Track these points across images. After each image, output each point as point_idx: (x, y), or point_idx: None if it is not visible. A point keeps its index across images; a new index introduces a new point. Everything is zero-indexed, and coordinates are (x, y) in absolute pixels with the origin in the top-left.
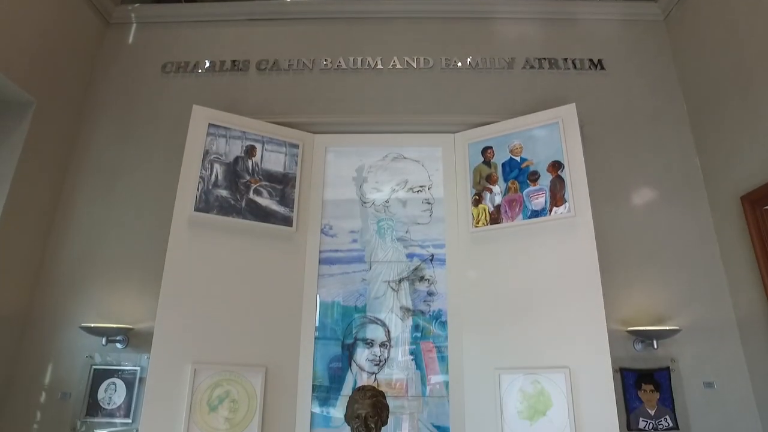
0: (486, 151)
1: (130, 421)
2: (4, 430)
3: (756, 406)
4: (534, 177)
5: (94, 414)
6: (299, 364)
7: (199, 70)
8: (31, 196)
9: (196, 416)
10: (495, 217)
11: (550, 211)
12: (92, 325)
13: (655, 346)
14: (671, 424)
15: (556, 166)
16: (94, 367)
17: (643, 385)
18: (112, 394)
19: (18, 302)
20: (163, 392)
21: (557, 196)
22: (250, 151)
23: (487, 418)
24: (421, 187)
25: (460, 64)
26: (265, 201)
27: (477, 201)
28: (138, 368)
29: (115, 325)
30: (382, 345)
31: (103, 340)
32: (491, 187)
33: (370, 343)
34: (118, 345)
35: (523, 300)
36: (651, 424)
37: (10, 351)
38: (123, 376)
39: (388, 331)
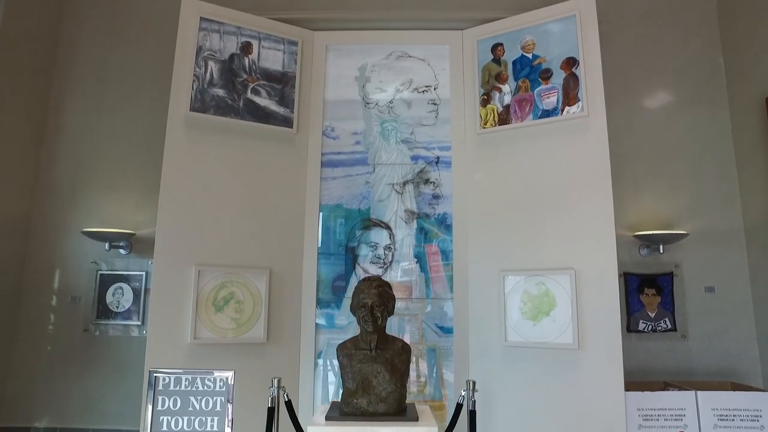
0: (496, 48)
1: (139, 323)
2: (23, 331)
3: (753, 311)
4: (546, 75)
5: (105, 317)
6: (303, 267)
7: None
8: (16, 102)
9: (203, 316)
10: (504, 118)
11: (562, 110)
12: (94, 230)
13: (661, 251)
14: (669, 326)
15: (571, 62)
16: (100, 272)
17: (646, 289)
18: (120, 298)
19: (18, 211)
20: (168, 294)
21: (570, 95)
22: (246, 48)
23: (491, 318)
24: (426, 87)
25: None
26: (263, 101)
27: (485, 101)
28: (143, 273)
29: (116, 230)
30: (387, 248)
31: (106, 246)
32: (500, 86)
33: (374, 246)
34: (122, 251)
35: (530, 202)
36: (650, 326)
37: (17, 258)
38: (129, 281)
39: (393, 235)
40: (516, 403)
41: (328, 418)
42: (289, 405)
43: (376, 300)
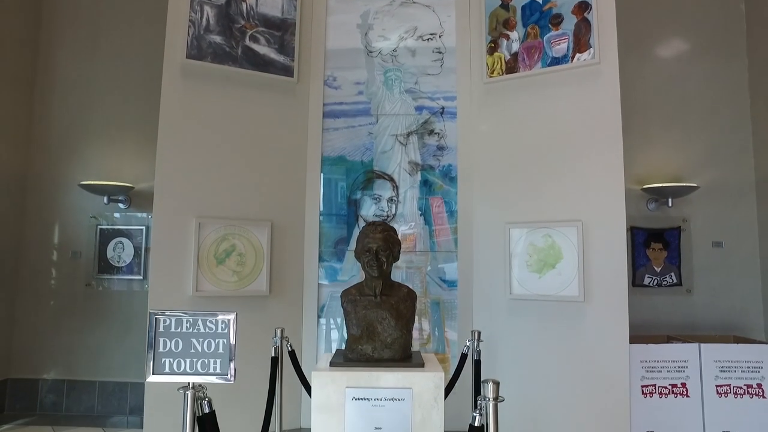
0: None
1: (141, 277)
2: (25, 285)
3: (759, 267)
4: (557, 20)
5: (106, 272)
6: (305, 220)
7: None
8: (3, 53)
9: (204, 269)
10: (511, 66)
11: (573, 58)
12: (91, 182)
13: (670, 204)
14: (675, 281)
15: (583, 7)
16: (100, 227)
17: (653, 243)
18: (121, 252)
19: (14, 165)
20: (169, 247)
21: (581, 41)
22: None
23: (496, 271)
24: (431, 34)
25: None
26: (262, 49)
27: (492, 49)
28: (143, 228)
29: (114, 183)
30: (390, 200)
31: (105, 200)
32: (508, 33)
33: (377, 199)
34: (121, 205)
35: (537, 154)
36: (656, 281)
37: (15, 213)
38: (129, 236)
39: (396, 187)
40: (520, 355)
41: (332, 364)
42: (292, 355)
43: (381, 244)
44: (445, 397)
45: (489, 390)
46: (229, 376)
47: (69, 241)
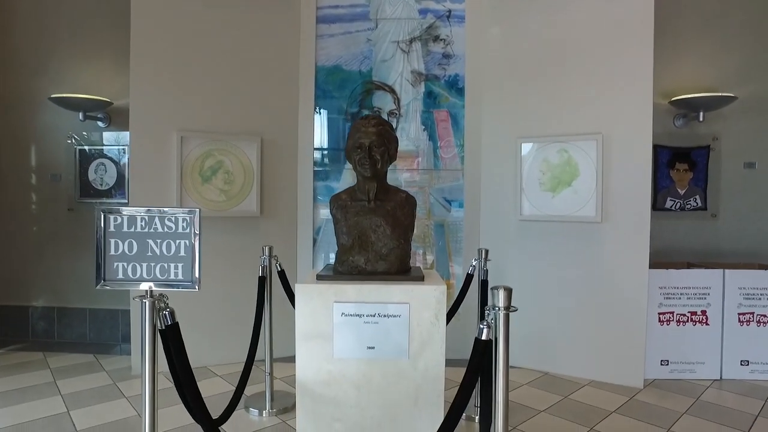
0: None
1: (126, 201)
2: (5, 211)
3: None
4: None
5: (88, 195)
6: (298, 135)
7: None
8: None
9: (189, 188)
10: None
11: None
12: (63, 95)
13: (701, 119)
14: (699, 204)
15: None
16: (78, 147)
17: (677, 164)
18: (103, 174)
19: None
20: (149, 164)
21: None
22: None
23: (505, 190)
24: None
25: None
26: None
27: None
28: (125, 147)
29: (87, 96)
30: (391, 114)
31: (80, 116)
32: None
33: (376, 112)
34: (100, 123)
35: (554, 60)
36: (678, 204)
37: None
38: (110, 156)
39: (398, 99)
40: (530, 281)
41: (319, 277)
42: (282, 276)
43: (375, 140)
44: (448, 321)
45: (500, 297)
46: (192, 283)
47: (48, 164)
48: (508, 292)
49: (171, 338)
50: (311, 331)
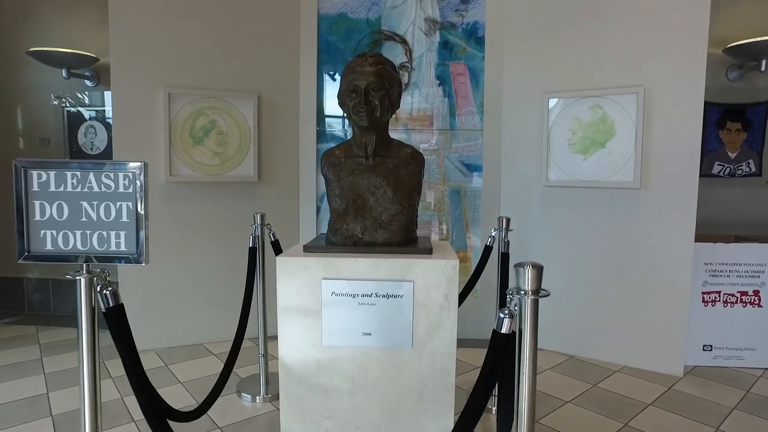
0: None
1: None
2: None
3: None
4: None
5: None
6: (300, 92)
7: None
8: None
9: (179, 150)
10: None
11: None
12: (43, 48)
13: (762, 68)
14: (753, 170)
15: None
16: (67, 109)
17: (729, 123)
18: (93, 138)
19: None
20: (134, 125)
21: None
22: None
23: (529, 153)
24: None
25: None
26: None
27: None
28: None
29: (70, 50)
30: (402, 67)
31: (63, 73)
32: None
33: None
34: (88, 82)
35: (589, 1)
36: (728, 169)
37: None
38: (101, 119)
39: (409, 50)
40: (556, 253)
41: (306, 248)
42: (276, 246)
43: (374, 81)
44: (463, 300)
45: (526, 277)
46: (137, 254)
47: (35, 127)
48: (538, 271)
49: (113, 324)
50: (296, 313)
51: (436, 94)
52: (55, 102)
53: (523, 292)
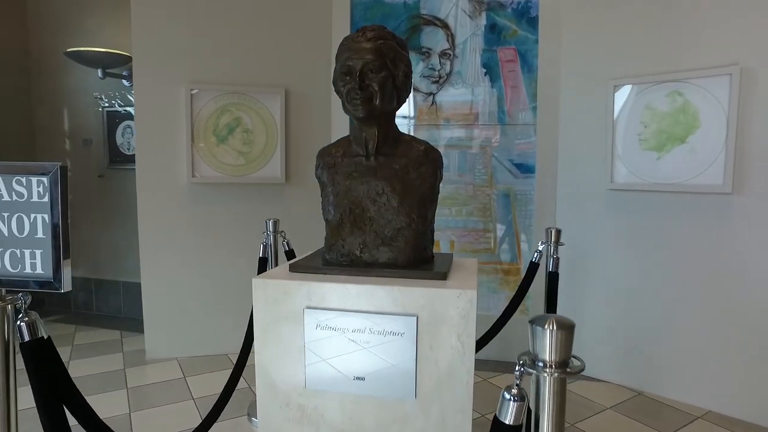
0: None
1: None
2: None
3: None
4: None
5: (117, 161)
6: (331, 86)
7: None
8: None
9: (202, 149)
10: None
11: None
12: (79, 49)
13: None
14: None
15: None
16: (106, 109)
17: None
18: (130, 138)
19: (13, 42)
20: (156, 122)
21: None
22: None
23: (591, 151)
24: None
25: None
26: None
27: None
28: None
29: (104, 50)
30: (443, 54)
31: (99, 73)
32: None
33: (426, 54)
34: (125, 82)
35: None
36: None
37: (21, 95)
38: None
39: (452, 36)
40: (623, 270)
41: (293, 267)
42: (291, 256)
43: (372, 60)
44: (503, 326)
45: (547, 343)
46: (54, 278)
47: (79, 128)
48: (567, 332)
49: (29, 360)
50: (274, 349)
51: (483, 83)
52: (97, 102)
53: (541, 365)
